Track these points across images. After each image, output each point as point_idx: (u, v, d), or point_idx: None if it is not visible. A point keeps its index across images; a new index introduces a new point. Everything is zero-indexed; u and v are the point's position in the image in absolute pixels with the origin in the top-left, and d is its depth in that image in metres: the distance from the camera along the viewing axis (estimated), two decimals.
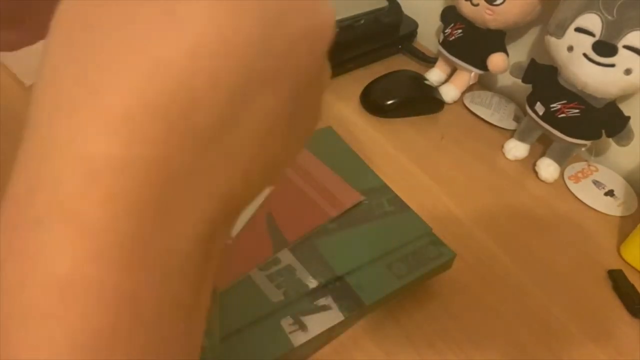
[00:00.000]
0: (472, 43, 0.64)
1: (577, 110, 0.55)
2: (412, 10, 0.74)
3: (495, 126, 0.65)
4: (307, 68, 0.16)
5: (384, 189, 0.48)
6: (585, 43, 0.51)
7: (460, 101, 0.67)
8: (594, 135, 0.56)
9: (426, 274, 0.42)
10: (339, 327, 0.39)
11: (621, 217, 0.56)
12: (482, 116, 0.65)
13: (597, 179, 0.60)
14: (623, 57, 0.50)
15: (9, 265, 0.13)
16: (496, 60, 0.63)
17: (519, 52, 0.67)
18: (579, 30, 0.52)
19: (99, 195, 0.12)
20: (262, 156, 0.16)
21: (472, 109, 0.66)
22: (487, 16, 0.60)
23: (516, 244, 0.51)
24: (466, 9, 0.62)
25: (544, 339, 0.44)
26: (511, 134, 0.63)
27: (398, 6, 0.72)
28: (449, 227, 0.51)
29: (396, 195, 0.47)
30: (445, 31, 0.66)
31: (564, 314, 0.46)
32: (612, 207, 0.57)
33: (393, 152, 0.59)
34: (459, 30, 0.64)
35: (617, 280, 0.49)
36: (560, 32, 0.53)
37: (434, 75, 0.69)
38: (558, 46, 0.54)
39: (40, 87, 0.13)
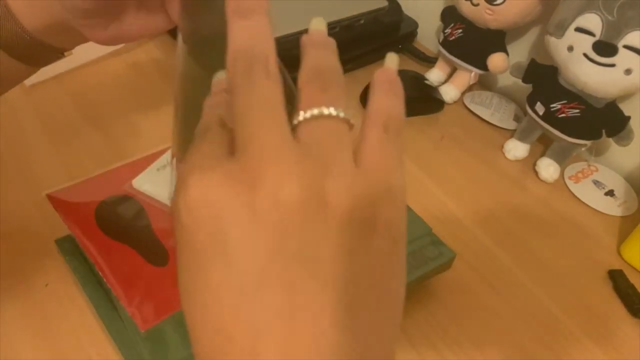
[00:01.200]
0: (472, 43, 0.64)
1: (577, 110, 0.55)
2: (412, 10, 0.74)
3: (495, 126, 0.65)
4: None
5: None
6: (585, 43, 0.51)
7: (460, 101, 0.67)
8: (594, 135, 0.56)
9: (426, 274, 0.42)
10: None
11: (621, 217, 0.56)
12: (482, 116, 0.65)
13: (597, 179, 0.60)
14: (623, 57, 0.50)
15: None
16: (496, 60, 0.63)
17: (519, 52, 0.67)
18: (579, 30, 0.52)
19: None
20: None
21: (472, 109, 0.66)
22: (487, 16, 0.60)
23: (516, 244, 0.51)
24: (466, 8, 0.62)
25: (544, 339, 0.44)
26: (511, 134, 0.63)
27: (398, 6, 0.72)
28: (449, 227, 0.51)
29: None
30: (445, 31, 0.66)
31: (564, 314, 0.46)
32: (612, 207, 0.57)
33: None
34: (459, 30, 0.64)
35: (617, 280, 0.49)
36: (560, 32, 0.53)
37: (434, 75, 0.69)
38: (558, 46, 0.54)
39: None
